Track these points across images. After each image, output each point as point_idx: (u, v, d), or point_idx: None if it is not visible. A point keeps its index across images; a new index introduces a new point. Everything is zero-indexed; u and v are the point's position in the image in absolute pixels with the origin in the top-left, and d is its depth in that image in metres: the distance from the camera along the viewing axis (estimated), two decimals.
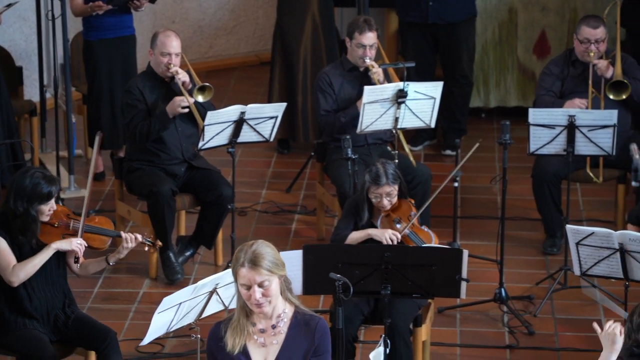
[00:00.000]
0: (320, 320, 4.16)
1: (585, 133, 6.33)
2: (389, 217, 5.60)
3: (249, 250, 4.05)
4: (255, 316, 4.13)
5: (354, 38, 6.74)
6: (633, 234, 5.19)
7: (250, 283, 4.03)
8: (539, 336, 6.03)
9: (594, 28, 6.72)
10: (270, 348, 4.14)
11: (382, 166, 5.55)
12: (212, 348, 4.17)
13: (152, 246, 5.43)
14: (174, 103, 6.43)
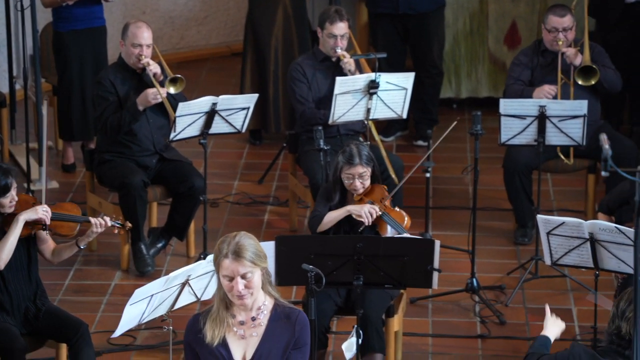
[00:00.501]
0: (300, 313, 4.16)
1: (556, 123, 6.35)
2: (362, 201, 5.60)
3: (233, 241, 4.04)
4: (235, 308, 4.12)
5: (325, 28, 6.74)
6: (603, 223, 5.22)
7: (234, 274, 4.02)
8: (510, 326, 6.06)
9: (561, 17, 6.74)
10: (249, 340, 4.13)
11: (356, 147, 5.55)
12: (189, 339, 4.15)
13: (121, 228, 5.43)
14: (146, 95, 6.40)
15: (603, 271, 5.32)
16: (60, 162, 7.86)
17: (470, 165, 7.59)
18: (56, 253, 5.32)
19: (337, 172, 5.56)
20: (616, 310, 3.99)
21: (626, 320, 3.97)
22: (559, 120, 6.35)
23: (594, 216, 6.62)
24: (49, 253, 5.35)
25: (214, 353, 4.11)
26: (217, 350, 4.10)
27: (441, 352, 5.86)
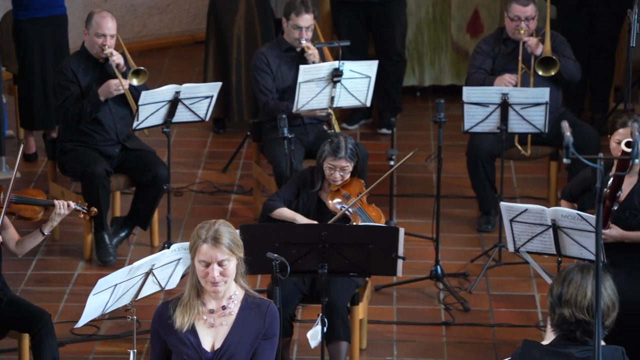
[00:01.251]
0: (271, 304, 4.17)
1: (518, 111, 6.38)
2: (338, 192, 5.60)
3: (212, 227, 4.04)
4: (206, 296, 4.11)
5: (291, 19, 6.72)
6: (565, 210, 5.25)
7: (211, 260, 4.02)
8: (474, 312, 6.08)
9: (524, 6, 6.77)
10: (219, 329, 4.13)
11: (344, 140, 5.57)
12: (157, 327, 4.14)
13: (87, 213, 5.40)
14: (108, 86, 6.36)
15: (565, 257, 5.35)
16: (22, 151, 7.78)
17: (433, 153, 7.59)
18: (20, 244, 5.28)
19: (321, 160, 5.57)
20: (551, 298, 3.97)
21: (566, 304, 3.95)
22: (521, 107, 6.38)
23: (556, 203, 6.66)
24: (13, 244, 5.30)
25: (182, 340, 4.10)
26: (185, 337, 4.10)
27: (406, 340, 5.88)
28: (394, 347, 5.83)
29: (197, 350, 4.10)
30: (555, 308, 3.93)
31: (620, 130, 5.44)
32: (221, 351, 4.12)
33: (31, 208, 5.31)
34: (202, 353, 4.11)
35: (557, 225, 5.24)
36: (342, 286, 5.39)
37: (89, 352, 5.76)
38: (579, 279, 3.91)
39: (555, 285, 3.96)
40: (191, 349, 4.10)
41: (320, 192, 5.64)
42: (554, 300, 3.94)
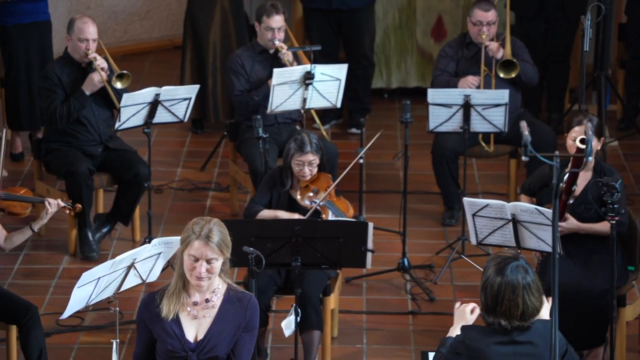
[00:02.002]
0: (252, 298, 4.18)
1: (480, 111, 6.41)
2: (307, 188, 5.60)
3: (207, 225, 4.04)
4: (191, 288, 4.11)
5: (263, 22, 6.72)
6: (524, 205, 5.27)
7: (201, 257, 4.02)
8: (439, 302, 6.10)
9: (485, 11, 6.80)
10: (202, 321, 4.13)
11: (307, 136, 5.56)
12: (143, 316, 4.13)
13: (72, 209, 5.40)
14: (91, 79, 6.36)
15: (524, 250, 5.37)
16: (8, 151, 7.74)
17: (400, 152, 7.62)
18: (9, 239, 5.25)
19: (289, 158, 5.56)
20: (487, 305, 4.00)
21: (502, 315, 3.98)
22: (482, 108, 6.40)
23: (516, 198, 6.69)
24: (2, 240, 5.27)
25: (166, 330, 4.10)
26: (170, 328, 4.09)
27: (375, 328, 5.89)
28: (364, 335, 5.84)
29: (180, 340, 4.10)
30: (490, 313, 3.99)
31: (576, 128, 5.47)
32: (204, 342, 4.11)
33: (20, 204, 5.30)
34: (185, 343, 4.10)
35: (516, 219, 5.25)
36: (314, 278, 5.39)
37: (73, 342, 5.74)
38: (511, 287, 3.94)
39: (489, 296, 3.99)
40: (175, 339, 4.10)
41: (290, 190, 5.64)
42: (489, 306, 3.98)
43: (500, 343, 3.97)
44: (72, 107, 6.37)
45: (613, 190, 5.02)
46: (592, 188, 5.41)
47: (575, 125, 5.47)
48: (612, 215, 5.03)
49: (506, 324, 3.97)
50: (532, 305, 3.97)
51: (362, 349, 5.72)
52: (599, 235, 5.42)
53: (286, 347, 5.57)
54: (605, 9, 7.26)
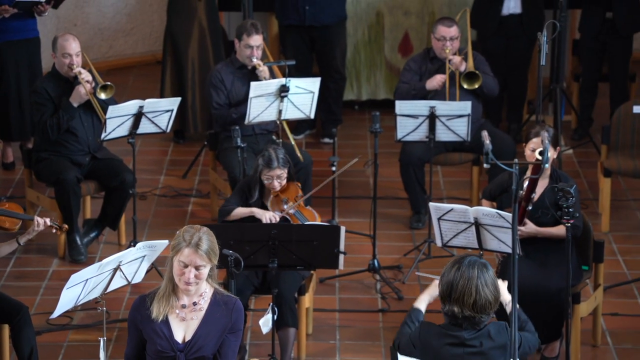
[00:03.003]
0: (237, 301, 4.18)
1: (444, 122, 6.45)
2: (278, 197, 5.62)
3: (196, 234, 4.04)
4: (179, 291, 4.12)
5: (243, 40, 6.73)
6: (486, 209, 5.30)
7: (190, 263, 4.03)
8: (407, 300, 6.12)
9: (448, 27, 6.85)
10: (190, 323, 4.13)
11: (274, 151, 5.57)
12: (134, 318, 4.14)
13: (59, 229, 5.38)
14: (78, 92, 6.36)
15: (486, 251, 5.41)
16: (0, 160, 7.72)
17: (370, 160, 7.65)
18: None
19: (257, 173, 5.57)
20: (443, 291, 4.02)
21: (455, 302, 4.02)
22: (446, 119, 6.44)
23: (478, 203, 6.72)
24: None
25: (156, 331, 4.10)
26: (159, 329, 4.09)
27: (347, 325, 5.90)
28: (337, 332, 5.85)
29: (169, 341, 4.10)
30: (445, 301, 4.03)
31: (534, 139, 5.52)
32: (191, 343, 4.12)
33: (10, 220, 5.27)
34: (173, 344, 4.11)
35: (478, 223, 5.29)
36: (290, 278, 5.41)
37: (63, 340, 5.72)
38: (466, 278, 3.98)
39: (445, 284, 4.03)
40: (164, 340, 4.10)
41: (262, 199, 5.65)
42: (444, 293, 4.02)
43: (452, 344, 4.00)
44: (61, 119, 6.37)
45: (568, 195, 5.07)
46: (548, 194, 5.45)
47: (533, 137, 5.52)
48: (568, 219, 5.08)
49: (458, 312, 3.97)
50: (484, 297, 3.98)
51: (335, 345, 5.74)
52: (555, 238, 5.47)
53: (264, 344, 5.58)
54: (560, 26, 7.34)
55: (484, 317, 4.02)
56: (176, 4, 7.88)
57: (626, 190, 7.36)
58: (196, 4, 7.86)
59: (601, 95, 8.15)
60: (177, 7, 7.88)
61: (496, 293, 4.03)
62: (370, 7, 8.43)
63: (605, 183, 6.82)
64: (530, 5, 7.83)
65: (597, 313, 5.62)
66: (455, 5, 8.29)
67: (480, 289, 3.97)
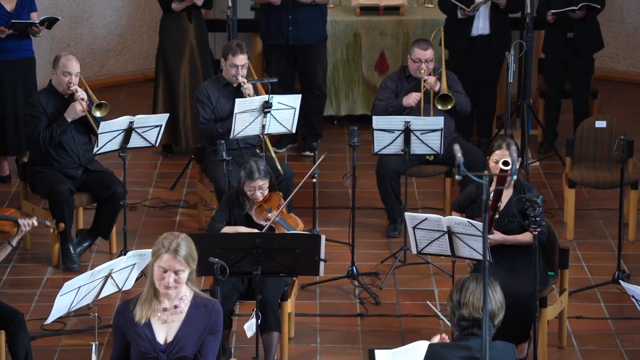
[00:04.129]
0: (216, 304, 4.17)
1: (419, 136, 6.45)
2: (261, 207, 5.61)
3: (175, 240, 4.02)
4: (161, 295, 4.10)
5: (228, 59, 6.72)
6: (458, 218, 5.31)
7: (169, 268, 4.02)
8: (384, 305, 6.11)
9: (424, 49, 6.86)
10: (171, 325, 4.11)
11: (255, 163, 5.56)
12: (119, 322, 4.11)
13: (55, 228, 5.35)
14: (73, 108, 6.35)
15: (458, 258, 5.41)
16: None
17: (349, 172, 7.65)
18: None
19: (241, 185, 5.56)
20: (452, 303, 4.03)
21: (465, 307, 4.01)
22: (420, 133, 6.45)
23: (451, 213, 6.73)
24: None
25: (139, 333, 4.07)
26: (142, 331, 4.07)
27: (327, 329, 5.89)
28: (318, 335, 5.83)
29: (152, 343, 4.08)
30: (455, 310, 4.00)
31: (497, 151, 5.53)
32: (172, 344, 4.10)
33: (9, 223, 5.24)
34: (156, 345, 4.08)
35: (451, 231, 5.29)
36: (273, 285, 5.39)
37: (56, 345, 5.68)
38: (473, 287, 3.98)
39: (455, 293, 4.03)
40: (147, 342, 4.07)
41: (248, 210, 5.63)
42: (454, 305, 4.00)
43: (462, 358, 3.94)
44: (54, 132, 6.35)
45: (535, 205, 5.08)
46: (515, 203, 5.46)
47: (496, 149, 5.53)
48: (535, 227, 5.09)
49: (468, 315, 3.93)
50: (495, 302, 3.95)
51: (316, 347, 5.72)
52: (523, 245, 5.48)
53: (248, 347, 5.55)
54: (526, 47, 7.38)
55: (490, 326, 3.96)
56: (168, 25, 7.87)
57: (589, 200, 7.39)
58: (187, 25, 7.85)
59: (565, 111, 8.19)
60: (169, 28, 7.87)
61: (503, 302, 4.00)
62: (349, 28, 8.44)
63: (569, 193, 6.84)
64: (498, 26, 7.86)
65: (562, 316, 5.63)
66: (428, 26, 8.32)
67: (490, 292, 3.94)
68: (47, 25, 7.37)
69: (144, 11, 9.47)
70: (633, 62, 9.49)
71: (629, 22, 9.37)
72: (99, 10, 9.37)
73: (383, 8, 8.44)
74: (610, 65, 9.54)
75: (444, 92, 6.78)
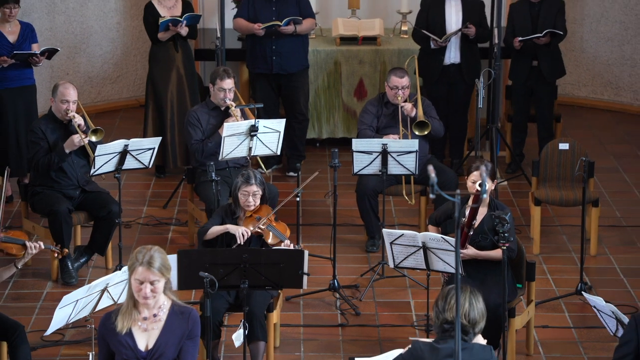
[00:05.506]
0: (193, 311, 4.14)
1: (395, 157, 6.47)
2: (251, 217, 5.60)
3: (148, 253, 4.00)
4: (140, 305, 4.07)
5: (216, 84, 6.74)
6: (432, 234, 5.32)
7: (144, 280, 3.99)
8: (363, 316, 6.11)
9: (400, 77, 6.89)
10: (151, 332, 4.09)
11: (252, 171, 5.58)
12: (102, 333, 4.10)
13: (59, 253, 5.33)
14: (72, 140, 6.34)
15: (433, 271, 5.42)
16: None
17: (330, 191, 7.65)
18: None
19: (236, 190, 5.56)
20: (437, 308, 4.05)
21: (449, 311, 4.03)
22: (397, 155, 6.47)
23: (425, 229, 6.75)
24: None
25: (121, 342, 4.06)
26: (124, 340, 4.05)
27: (310, 339, 5.87)
28: (301, 345, 5.82)
29: (133, 350, 4.06)
30: (439, 315, 4.02)
31: (474, 172, 5.56)
32: (153, 350, 4.08)
33: (16, 246, 5.22)
34: (137, 353, 4.07)
35: (426, 246, 5.30)
36: (259, 297, 5.37)
37: (56, 355, 5.63)
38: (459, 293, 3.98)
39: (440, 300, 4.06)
40: (129, 350, 4.06)
41: (238, 220, 5.63)
42: (438, 310, 4.02)
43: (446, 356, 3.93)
44: (53, 160, 6.35)
45: (504, 222, 5.10)
46: (487, 220, 5.49)
47: (474, 170, 5.56)
48: (504, 242, 5.11)
49: (452, 318, 3.94)
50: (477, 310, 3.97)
51: (300, 356, 5.70)
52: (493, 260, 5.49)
53: (236, 356, 5.53)
54: (495, 74, 7.43)
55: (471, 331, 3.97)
56: (157, 54, 7.89)
57: (554, 217, 7.42)
58: (174, 54, 7.86)
59: (531, 134, 8.24)
60: (157, 57, 7.89)
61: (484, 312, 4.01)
62: (329, 57, 8.47)
63: (535, 211, 6.87)
64: (468, 55, 7.92)
65: (530, 326, 5.64)
66: (403, 55, 8.36)
67: (473, 300, 3.96)
68: (47, 55, 7.37)
69: (138, 42, 9.47)
70: (593, 89, 9.57)
71: (589, 52, 9.46)
72: (95, 41, 9.36)
73: (361, 38, 8.48)
74: (572, 91, 9.61)
75: (421, 119, 6.81)
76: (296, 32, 7.86)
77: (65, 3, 9.19)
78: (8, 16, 7.30)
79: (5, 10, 7.29)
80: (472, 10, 7.84)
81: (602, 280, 6.50)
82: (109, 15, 9.39)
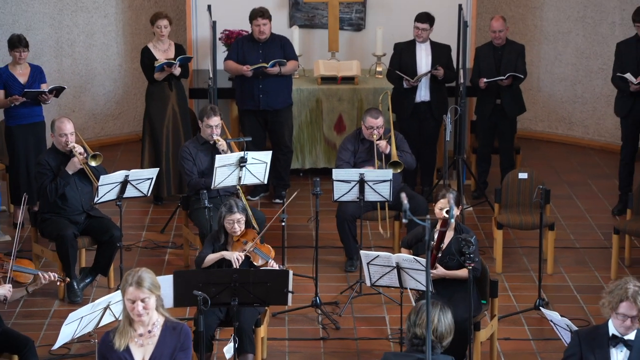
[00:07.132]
0: (184, 326, 4.16)
1: (371, 186, 6.52)
2: (239, 241, 5.63)
3: (136, 274, 4.02)
4: (136, 324, 4.09)
5: (204, 121, 6.79)
6: (405, 255, 5.35)
7: (136, 299, 4.00)
8: (343, 330, 6.12)
9: (375, 118, 6.95)
10: (147, 347, 4.10)
11: (234, 201, 5.62)
12: (102, 350, 4.10)
13: (62, 281, 5.37)
14: (73, 162, 6.39)
15: (406, 289, 5.45)
16: (11, 221, 7.62)
17: (312, 217, 7.69)
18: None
19: (221, 220, 5.59)
20: (409, 321, 4.10)
21: (418, 326, 4.07)
22: (373, 183, 6.52)
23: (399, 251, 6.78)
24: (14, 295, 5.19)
25: (120, 358, 4.07)
26: (122, 356, 4.07)
27: (295, 351, 5.87)
28: (287, 357, 5.82)
29: None
30: (410, 328, 4.06)
31: (441, 200, 5.62)
32: None
33: (24, 275, 5.24)
34: None
35: (399, 266, 5.33)
36: (248, 313, 5.39)
37: None
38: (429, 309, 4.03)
39: (412, 314, 4.10)
40: None
41: (226, 245, 5.66)
42: (410, 323, 4.06)
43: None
44: (59, 184, 6.37)
45: (469, 244, 5.15)
46: (454, 243, 5.53)
47: (440, 198, 5.61)
48: (469, 263, 5.16)
49: (421, 334, 3.98)
50: (445, 325, 4.01)
51: None
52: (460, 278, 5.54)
53: None
54: (461, 110, 7.52)
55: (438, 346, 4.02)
56: (153, 92, 7.94)
57: (514, 239, 7.49)
58: (168, 92, 7.92)
59: (494, 164, 8.32)
60: (153, 95, 7.95)
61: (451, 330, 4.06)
62: (311, 95, 8.55)
63: (498, 234, 6.93)
64: (437, 94, 8.01)
65: (493, 338, 5.68)
66: (378, 93, 8.43)
67: (441, 317, 4.01)
68: (55, 93, 7.40)
69: (138, 82, 9.52)
70: (549, 124, 9.70)
71: (545, 91, 9.60)
72: (99, 82, 9.41)
73: (340, 78, 8.56)
74: (530, 126, 9.74)
75: (394, 159, 6.88)
76: (281, 72, 7.93)
77: (72, 47, 9.24)
78: (18, 59, 7.34)
79: (15, 54, 7.33)
80: (441, 54, 7.95)
81: (558, 296, 6.55)
82: (112, 58, 9.44)
